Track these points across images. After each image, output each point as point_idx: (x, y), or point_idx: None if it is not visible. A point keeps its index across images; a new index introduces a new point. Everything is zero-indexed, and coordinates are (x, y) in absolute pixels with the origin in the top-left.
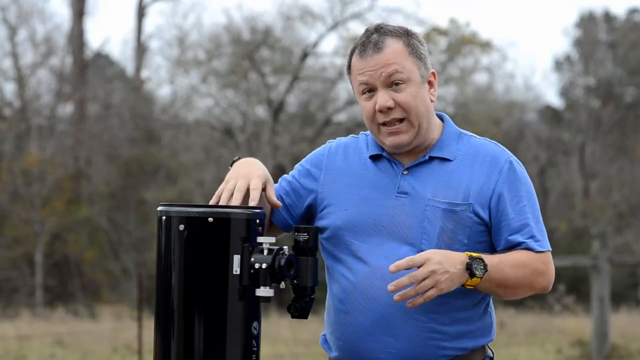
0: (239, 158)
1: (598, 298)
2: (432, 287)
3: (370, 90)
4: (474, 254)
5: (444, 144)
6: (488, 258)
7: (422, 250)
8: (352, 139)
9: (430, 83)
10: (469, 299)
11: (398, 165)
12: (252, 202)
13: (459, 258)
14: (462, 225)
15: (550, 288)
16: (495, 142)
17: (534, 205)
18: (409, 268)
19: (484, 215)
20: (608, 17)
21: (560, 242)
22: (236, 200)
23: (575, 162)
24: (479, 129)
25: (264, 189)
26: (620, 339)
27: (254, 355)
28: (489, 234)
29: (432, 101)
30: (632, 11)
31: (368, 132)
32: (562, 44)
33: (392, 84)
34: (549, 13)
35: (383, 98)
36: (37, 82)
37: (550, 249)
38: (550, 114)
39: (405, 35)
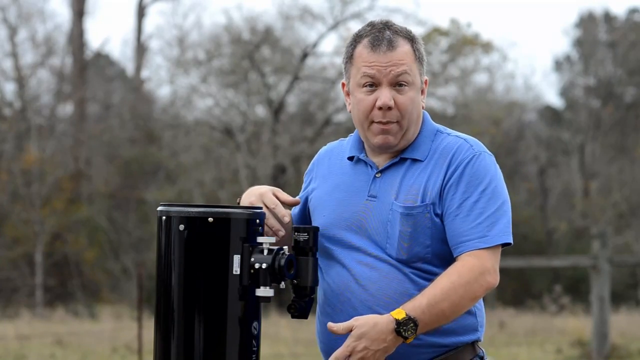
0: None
1: (598, 298)
2: None
3: (372, 84)
4: (400, 315)
5: (417, 144)
6: (416, 307)
7: (387, 254)
8: (338, 143)
9: (422, 90)
10: None
11: (373, 167)
12: (285, 218)
13: (385, 329)
14: (422, 227)
15: (497, 283)
16: (466, 138)
17: (492, 198)
18: None
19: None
20: (608, 17)
21: (560, 242)
22: (282, 213)
23: (575, 162)
24: (479, 129)
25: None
26: (620, 339)
27: (254, 355)
28: None
29: (422, 108)
30: (632, 11)
31: (352, 134)
32: (562, 44)
33: (397, 84)
34: (549, 13)
35: (386, 96)
36: (37, 82)
37: (506, 241)
38: (550, 114)
39: (412, 39)
